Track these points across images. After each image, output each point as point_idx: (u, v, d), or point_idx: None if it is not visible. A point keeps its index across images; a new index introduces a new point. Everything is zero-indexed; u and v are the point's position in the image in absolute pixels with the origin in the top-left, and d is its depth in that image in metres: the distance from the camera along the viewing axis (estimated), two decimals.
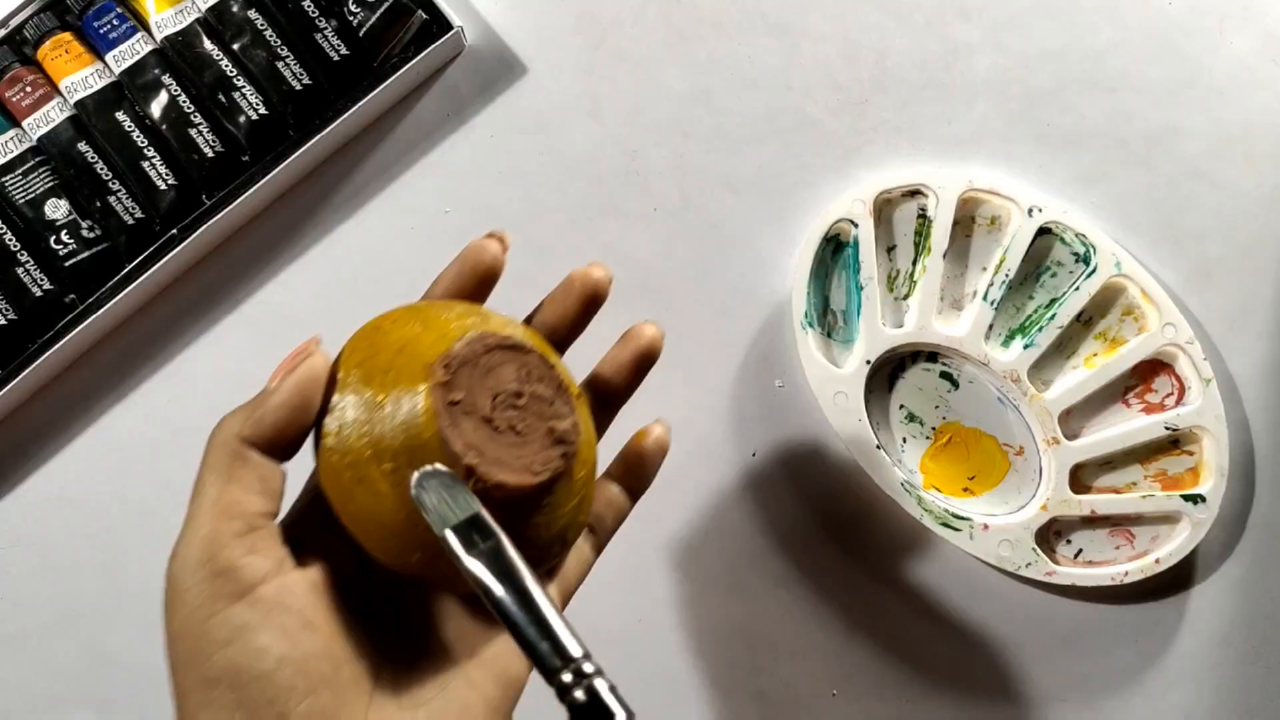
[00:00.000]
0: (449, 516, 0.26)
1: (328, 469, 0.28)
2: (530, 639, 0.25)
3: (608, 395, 0.35)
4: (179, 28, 0.47)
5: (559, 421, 0.30)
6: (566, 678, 0.24)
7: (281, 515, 0.30)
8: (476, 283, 0.34)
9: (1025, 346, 0.48)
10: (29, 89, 0.47)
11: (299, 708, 0.26)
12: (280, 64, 0.47)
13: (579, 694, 0.24)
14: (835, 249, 0.49)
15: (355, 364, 0.30)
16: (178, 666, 0.27)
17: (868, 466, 0.47)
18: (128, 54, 0.47)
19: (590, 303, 0.34)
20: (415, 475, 0.27)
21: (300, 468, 0.30)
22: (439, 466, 0.27)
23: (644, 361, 0.35)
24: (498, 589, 0.25)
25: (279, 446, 0.29)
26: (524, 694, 0.31)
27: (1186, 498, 0.47)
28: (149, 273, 0.46)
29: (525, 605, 0.25)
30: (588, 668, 0.24)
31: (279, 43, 0.47)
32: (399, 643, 0.31)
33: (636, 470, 0.36)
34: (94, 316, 0.46)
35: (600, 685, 0.24)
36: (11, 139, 0.47)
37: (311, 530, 0.30)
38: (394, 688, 0.30)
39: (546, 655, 0.24)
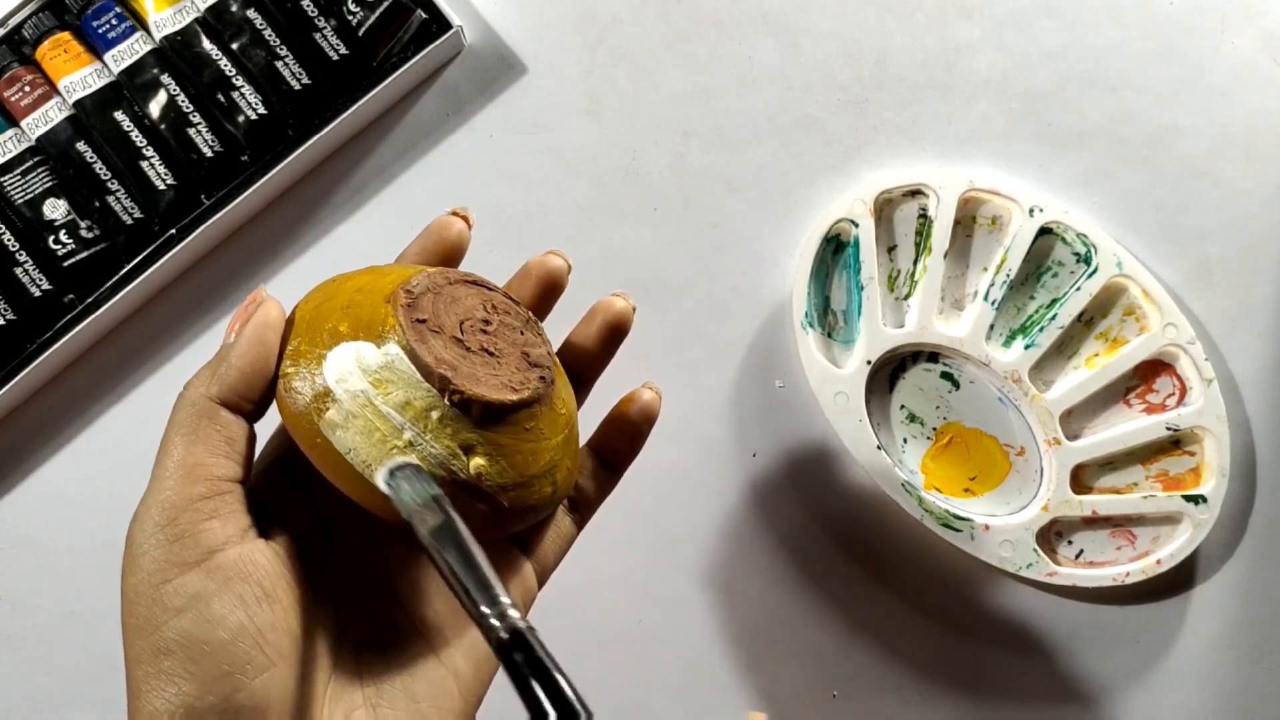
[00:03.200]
0: (410, 502, 0.26)
1: (293, 410, 0.28)
2: (465, 588, 0.25)
3: (576, 369, 0.34)
4: (178, 27, 0.47)
5: (532, 347, 0.29)
6: (494, 621, 0.24)
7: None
8: (440, 260, 0.33)
9: (1026, 347, 0.48)
10: (28, 88, 0.47)
11: (254, 682, 0.25)
12: (279, 63, 0.47)
13: (503, 634, 0.24)
14: (836, 249, 0.49)
15: (313, 307, 0.29)
16: (129, 634, 0.26)
17: (868, 467, 0.47)
18: (126, 54, 0.47)
19: (547, 291, 0.33)
20: (382, 470, 0.26)
21: (264, 433, 0.30)
22: (407, 459, 0.27)
23: (612, 334, 0.34)
24: (444, 551, 0.25)
25: (247, 399, 0.28)
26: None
27: (1188, 498, 0.47)
28: (148, 273, 0.46)
29: (466, 562, 0.25)
30: (512, 614, 0.24)
31: (278, 42, 0.47)
32: (365, 619, 0.30)
33: (617, 439, 0.34)
34: (93, 316, 0.46)
35: (521, 624, 0.24)
36: (10, 139, 0.47)
37: (276, 499, 0.30)
38: (356, 664, 0.29)
39: (476, 600, 0.24)
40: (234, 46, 0.47)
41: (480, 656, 0.30)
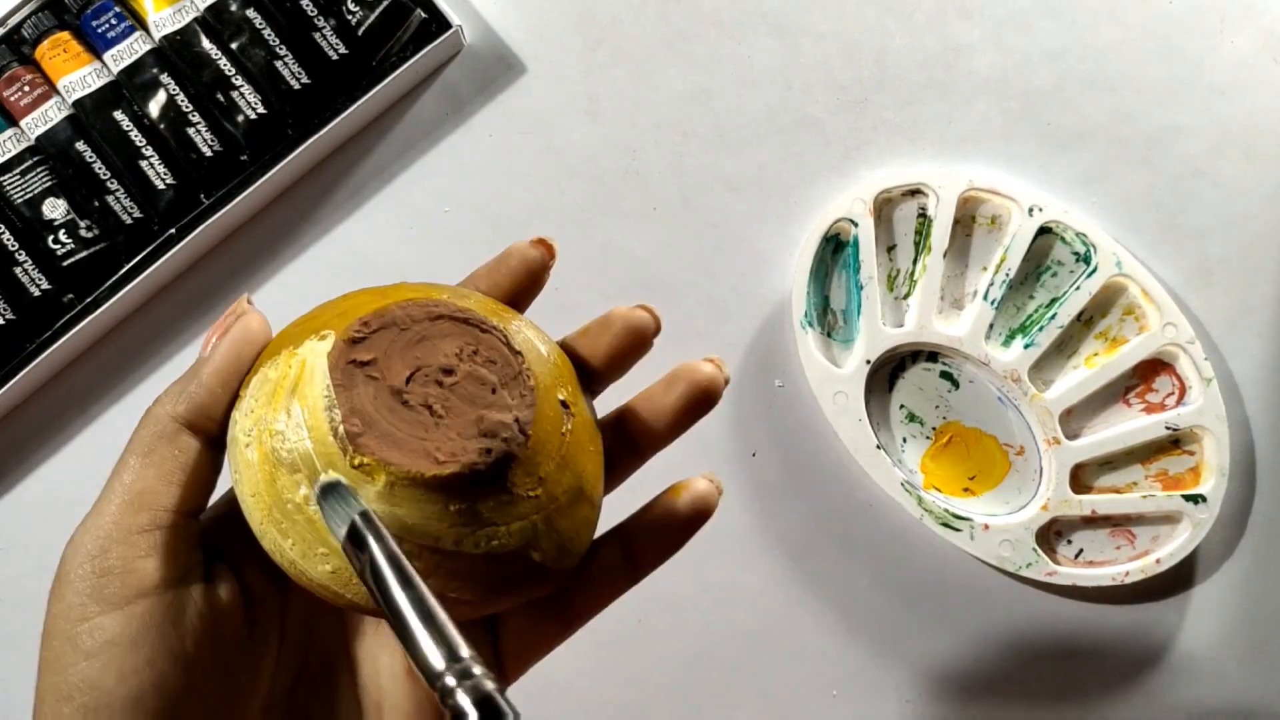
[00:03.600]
0: (338, 521, 0.22)
1: (228, 437, 0.24)
2: (413, 641, 0.20)
3: (636, 437, 0.30)
4: (177, 27, 0.47)
5: (496, 412, 0.24)
6: (450, 680, 0.19)
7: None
8: (510, 292, 0.28)
9: (1026, 346, 0.48)
10: (27, 88, 0.47)
11: None
12: (279, 63, 0.47)
13: (462, 696, 0.19)
14: (835, 248, 0.49)
15: (292, 325, 0.26)
16: (40, 667, 0.23)
17: (868, 466, 0.47)
18: (126, 53, 0.47)
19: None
20: (316, 485, 0.23)
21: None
22: (336, 477, 0.23)
23: (695, 406, 0.29)
24: (386, 591, 0.21)
25: (216, 421, 0.25)
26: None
27: (1187, 498, 0.47)
28: (147, 272, 0.46)
29: (418, 607, 0.20)
30: (476, 669, 0.19)
31: (277, 42, 0.47)
32: (308, 685, 0.27)
33: (650, 536, 0.28)
34: (92, 316, 0.46)
35: (487, 685, 0.19)
36: (9, 138, 0.47)
37: (235, 536, 0.26)
38: None
39: (424, 655, 0.20)
40: (233, 46, 0.47)
41: None
